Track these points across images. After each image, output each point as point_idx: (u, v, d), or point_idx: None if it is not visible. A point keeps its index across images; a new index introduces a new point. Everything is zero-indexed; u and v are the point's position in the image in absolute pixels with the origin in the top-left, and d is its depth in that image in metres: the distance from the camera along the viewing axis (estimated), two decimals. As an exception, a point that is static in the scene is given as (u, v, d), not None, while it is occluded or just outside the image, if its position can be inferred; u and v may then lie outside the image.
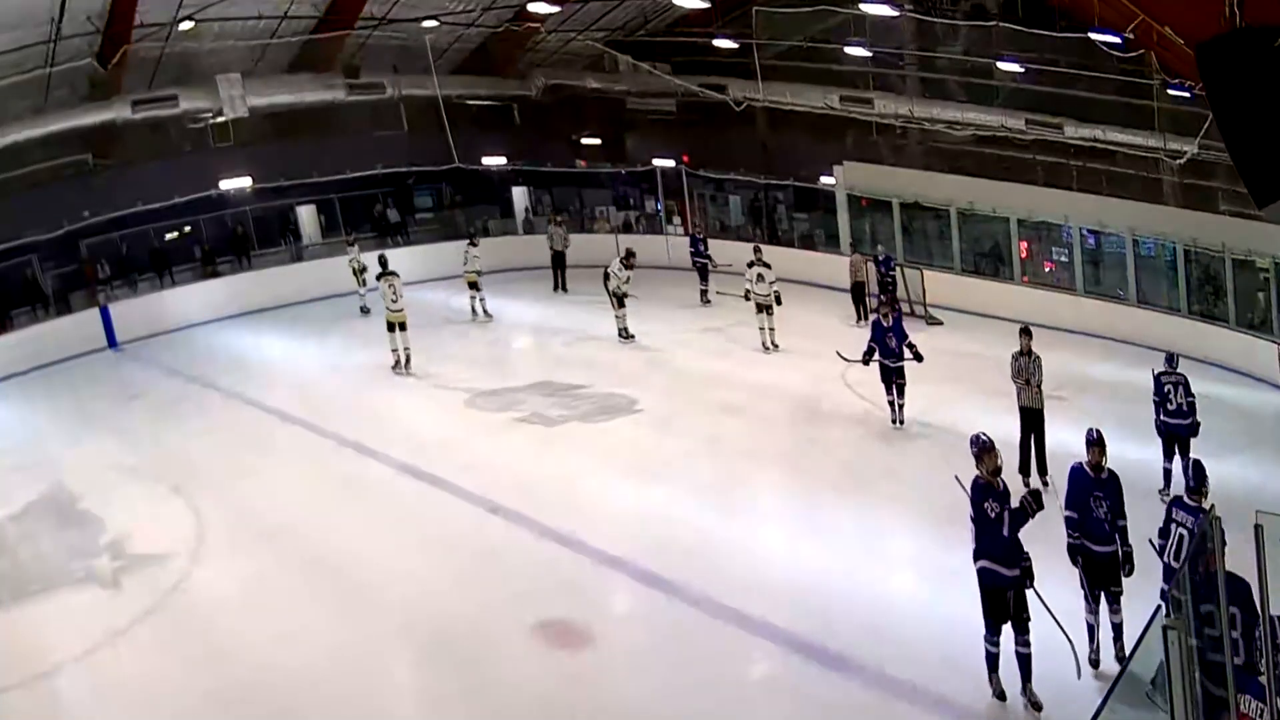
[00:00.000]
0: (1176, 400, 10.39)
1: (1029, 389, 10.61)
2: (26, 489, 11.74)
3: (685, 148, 23.10)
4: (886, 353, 12.24)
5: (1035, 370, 10.65)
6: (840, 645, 7.59)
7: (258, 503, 11.02)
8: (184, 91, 20.01)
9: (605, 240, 23.21)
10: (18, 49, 16.30)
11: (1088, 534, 7.29)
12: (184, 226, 22.38)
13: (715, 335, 16.89)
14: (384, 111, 23.36)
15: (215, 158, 21.38)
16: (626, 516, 10.20)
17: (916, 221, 20.08)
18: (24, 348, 17.57)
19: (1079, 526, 7.33)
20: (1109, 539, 7.26)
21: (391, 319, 15.60)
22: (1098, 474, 7.45)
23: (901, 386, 12.30)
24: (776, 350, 15.87)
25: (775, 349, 15.91)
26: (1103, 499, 7.33)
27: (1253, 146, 6.39)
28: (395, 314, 15.56)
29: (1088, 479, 7.44)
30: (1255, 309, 15.67)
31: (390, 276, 15.79)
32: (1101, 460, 7.43)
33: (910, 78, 21.34)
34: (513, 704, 7.21)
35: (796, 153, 22.29)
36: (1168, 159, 17.40)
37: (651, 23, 23.93)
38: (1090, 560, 7.31)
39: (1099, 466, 7.46)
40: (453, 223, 24.92)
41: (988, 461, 7.08)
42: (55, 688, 7.80)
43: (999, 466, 7.13)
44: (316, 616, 8.52)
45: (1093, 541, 7.28)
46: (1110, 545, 7.27)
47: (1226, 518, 4.62)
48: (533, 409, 13.59)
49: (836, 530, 9.85)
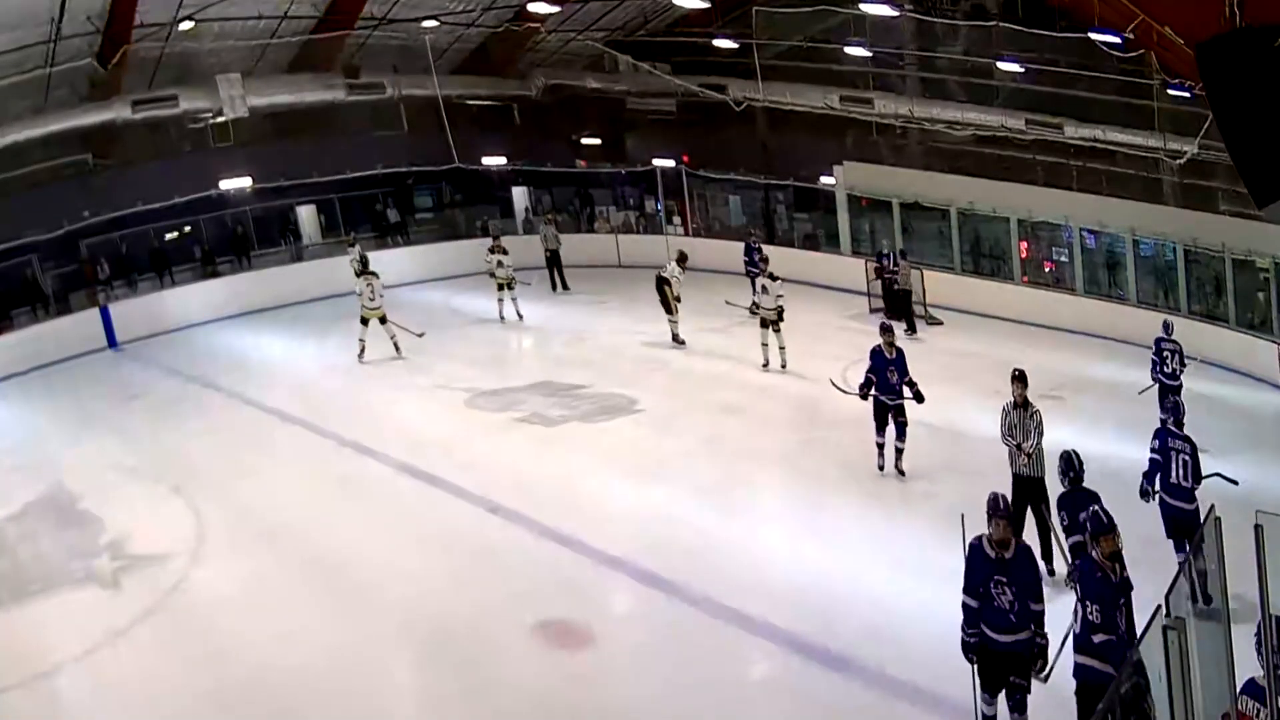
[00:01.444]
0: (1172, 365, 12.01)
1: (1021, 454, 8.57)
2: (26, 489, 11.73)
3: (685, 148, 23.10)
4: (885, 387, 10.64)
5: (1034, 430, 8.59)
6: (841, 646, 7.58)
7: (257, 503, 11.01)
8: (184, 91, 20.01)
9: (605, 240, 23.24)
10: (18, 49, 16.30)
11: (990, 624, 6.09)
12: (184, 226, 22.38)
13: (715, 335, 16.88)
14: (384, 111, 23.37)
15: (215, 158, 21.39)
16: (626, 516, 10.19)
17: (916, 221, 20.09)
18: (24, 348, 17.54)
19: (977, 618, 6.11)
20: (1015, 628, 6.05)
21: (366, 315, 16.03)
22: (1000, 553, 6.08)
23: (902, 426, 10.71)
24: (784, 371, 14.67)
25: (783, 369, 14.65)
26: (1007, 585, 6.01)
27: (1253, 146, 6.40)
28: (372, 311, 15.99)
29: (987, 562, 6.08)
30: (1255, 309, 15.68)
31: (369, 276, 16.12)
32: (1008, 536, 6.09)
33: (910, 78, 21.35)
34: (512, 704, 7.21)
35: (796, 153, 22.29)
36: (1168, 159, 17.41)
37: (651, 23, 23.93)
38: (990, 654, 6.14)
39: (1005, 543, 6.08)
40: (453, 223, 24.95)
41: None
42: (55, 688, 7.79)
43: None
44: (316, 616, 8.51)
45: (995, 631, 6.09)
46: (1016, 634, 6.05)
47: (1226, 518, 4.62)
48: (533, 409, 13.58)
49: (837, 530, 9.84)
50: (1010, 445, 8.68)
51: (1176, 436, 8.29)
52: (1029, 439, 8.53)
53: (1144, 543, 7.94)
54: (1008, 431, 8.72)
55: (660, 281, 16.31)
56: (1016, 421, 8.65)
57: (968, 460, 11.45)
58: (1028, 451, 8.50)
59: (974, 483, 11.10)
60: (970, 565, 6.09)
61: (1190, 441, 8.25)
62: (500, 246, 18.28)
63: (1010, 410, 8.75)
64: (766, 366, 14.79)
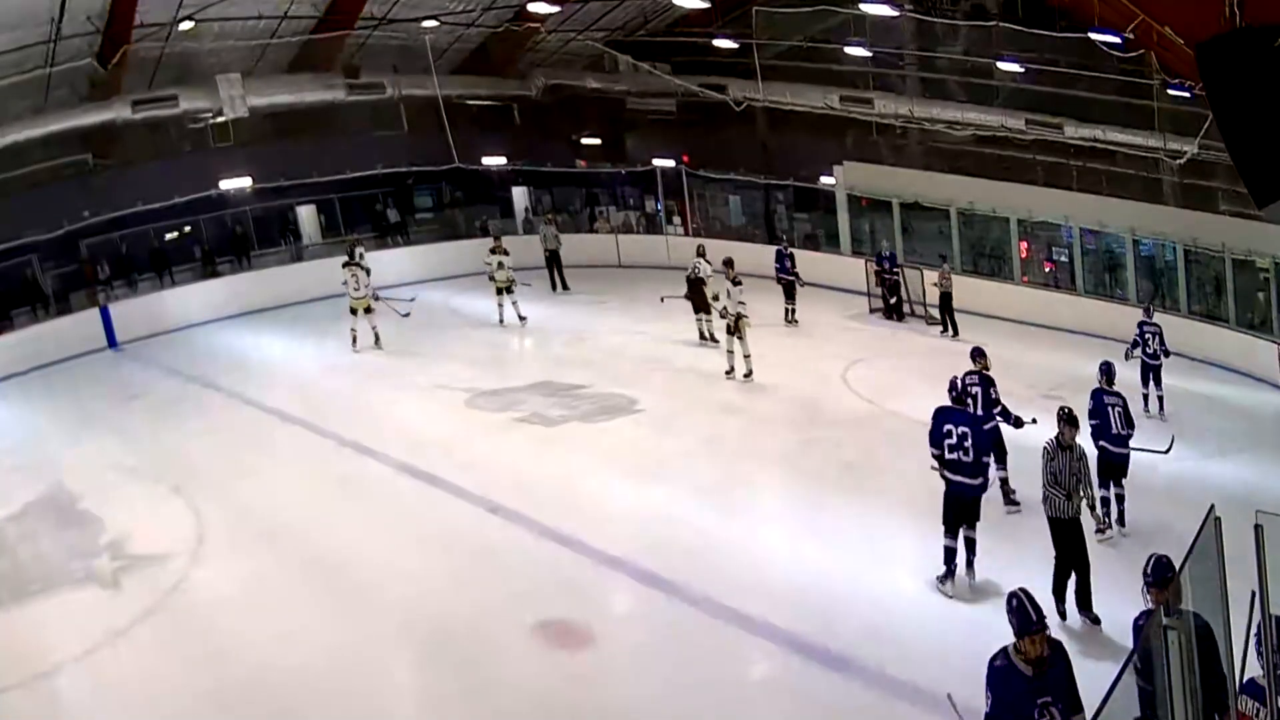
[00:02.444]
0: (1154, 346, 13.04)
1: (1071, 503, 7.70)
2: (26, 489, 11.72)
3: (685, 148, 23.12)
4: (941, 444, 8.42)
5: (1084, 474, 7.81)
6: (841, 645, 7.57)
7: (258, 503, 11.00)
8: (184, 91, 20.02)
9: (605, 240, 23.25)
10: (18, 49, 16.30)
11: None
12: (184, 226, 22.39)
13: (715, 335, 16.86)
14: (384, 111, 23.38)
15: (215, 158, 21.39)
16: (626, 516, 10.19)
17: (916, 221, 20.10)
18: (24, 348, 17.53)
19: None
20: None
21: (354, 305, 16.58)
22: (1039, 670, 4.86)
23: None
24: (747, 380, 14.25)
25: (747, 379, 14.24)
26: (1052, 704, 4.85)
27: (1253, 146, 6.40)
28: (358, 301, 16.57)
29: (1021, 680, 4.88)
30: (1255, 309, 15.69)
31: (354, 266, 16.60)
32: (1043, 651, 4.87)
33: (910, 78, 21.37)
34: (512, 704, 7.20)
35: (796, 153, 22.31)
36: (1168, 159, 17.42)
37: (651, 23, 23.94)
38: None
39: (1040, 660, 4.86)
40: (453, 223, 24.95)
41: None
42: (55, 688, 7.78)
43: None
44: (316, 616, 8.51)
45: None
46: None
47: (1226, 518, 4.61)
48: (533, 409, 13.58)
49: (837, 530, 9.84)
50: (1058, 496, 7.70)
51: (1109, 393, 9.47)
52: (1080, 486, 7.75)
53: (1144, 543, 7.94)
54: (1053, 480, 7.72)
55: (696, 283, 16.28)
56: (1064, 466, 7.73)
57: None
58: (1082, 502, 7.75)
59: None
60: (999, 692, 4.88)
61: (1121, 395, 9.54)
62: (501, 248, 18.18)
63: (1056, 452, 7.78)
64: (730, 374, 14.43)
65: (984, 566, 8.35)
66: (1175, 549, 4.46)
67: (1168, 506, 9.47)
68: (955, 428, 8.19)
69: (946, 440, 8.16)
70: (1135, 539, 8.37)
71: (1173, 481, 10.46)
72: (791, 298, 17.87)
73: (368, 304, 16.59)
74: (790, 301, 17.86)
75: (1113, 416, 9.28)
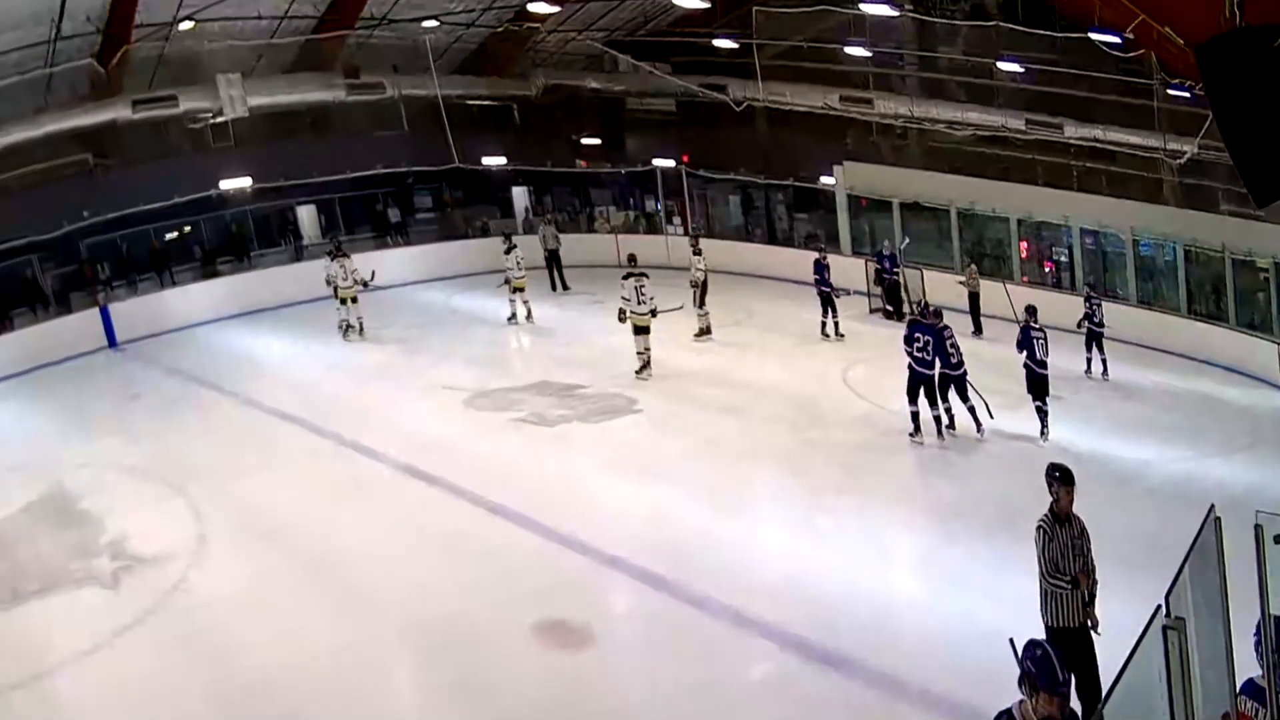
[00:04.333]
0: (1099, 315, 14.66)
1: (1076, 599, 5.91)
2: (26, 489, 11.73)
3: (685, 148, 23.10)
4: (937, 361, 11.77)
5: (1088, 551, 6.03)
6: (840, 645, 7.57)
7: (258, 503, 11.01)
8: (184, 91, 20.01)
9: (605, 240, 23.22)
10: (18, 49, 16.31)
11: None
12: (184, 226, 22.40)
13: (715, 335, 16.85)
14: (384, 111, 23.36)
15: (215, 158, 21.38)
16: (626, 516, 10.19)
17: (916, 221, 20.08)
18: (24, 348, 17.56)
19: None
20: None
21: (343, 295, 17.61)
22: None
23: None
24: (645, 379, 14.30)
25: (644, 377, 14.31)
26: None
27: (1253, 146, 6.39)
28: (347, 290, 17.63)
29: None
30: (1255, 309, 15.68)
31: (342, 258, 17.66)
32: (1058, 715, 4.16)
33: (910, 78, 21.36)
34: (512, 704, 7.20)
35: (796, 153, 22.29)
36: (1168, 159, 17.40)
37: (651, 23, 23.95)
38: None
39: None
40: (453, 223, 24.95)
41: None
42: (55, 688, 7.79)
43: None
44: (316, 616, 8.51)
45: None
46: None
47: (1226, 518, 4.61)
48: (533, 409, 13.58)
49: (837, 530, 9.85)
50: (1061, 588, 5.92)
51: (1034, 328, 12.04)
52: (1087, 570, 6.00)
53: (1144, 543, 7.96)
54: (1053, 568, 5.92)
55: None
56: (1065, 545, 5.95)
57: (966, 459, 11.49)
58: (1090, 583, 5.99)
59: (972, 482, 11.19)
60: None
61: (1043, 329, 12.11)
62: (514, 245, 18.47)
63: (1053, 529, 5.97)
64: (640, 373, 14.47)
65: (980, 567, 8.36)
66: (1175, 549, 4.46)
67: (1168, 506, 9.47)
68: (922, 336, 11.65)
69: (915, 344, 11.62)
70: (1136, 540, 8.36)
71: (1173, 481, 10.47)
72: (832, 310, 16.84)
73: (354, 294, 17.58)
74: (829, 315, 16.81)
75: (1037, 345, 11.90)
